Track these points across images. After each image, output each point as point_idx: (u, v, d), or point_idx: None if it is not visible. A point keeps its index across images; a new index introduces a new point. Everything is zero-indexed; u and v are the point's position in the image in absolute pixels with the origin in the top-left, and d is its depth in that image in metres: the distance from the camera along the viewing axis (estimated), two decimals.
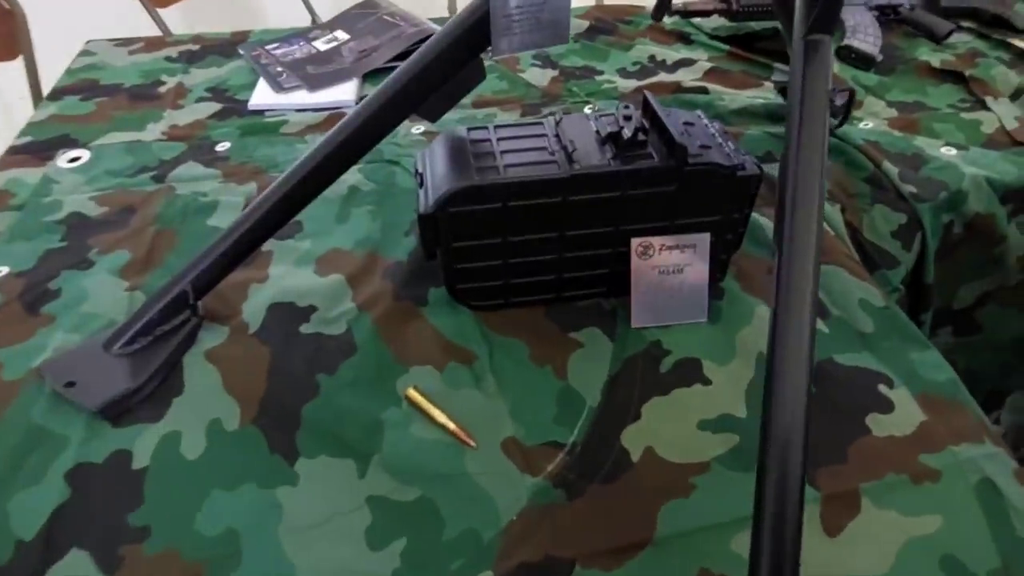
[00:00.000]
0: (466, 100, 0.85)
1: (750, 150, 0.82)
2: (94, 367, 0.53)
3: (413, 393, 0.54)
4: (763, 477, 0.40)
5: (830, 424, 0.52)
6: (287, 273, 0.64)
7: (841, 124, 0.80)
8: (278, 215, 0.55)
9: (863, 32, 1.03)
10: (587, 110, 0.92)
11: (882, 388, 0.55)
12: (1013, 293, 0.86)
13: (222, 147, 0.84)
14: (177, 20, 1.52)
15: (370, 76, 0.99)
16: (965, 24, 1.13)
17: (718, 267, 0.62)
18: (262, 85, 0.97)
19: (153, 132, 0.87)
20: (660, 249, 0.58)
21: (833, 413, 0.53)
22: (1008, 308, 0.87)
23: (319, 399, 0.53)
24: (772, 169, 0.79)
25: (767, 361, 0.43)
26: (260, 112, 0.92)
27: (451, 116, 0.56)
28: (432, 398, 0.53)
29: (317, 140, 0.55)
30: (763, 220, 0.72)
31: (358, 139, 0.55)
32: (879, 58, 1.03)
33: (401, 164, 0.80)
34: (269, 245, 0.64)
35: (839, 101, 0.79)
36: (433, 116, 0.56)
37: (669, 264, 0.58)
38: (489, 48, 0.48)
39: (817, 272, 0.44)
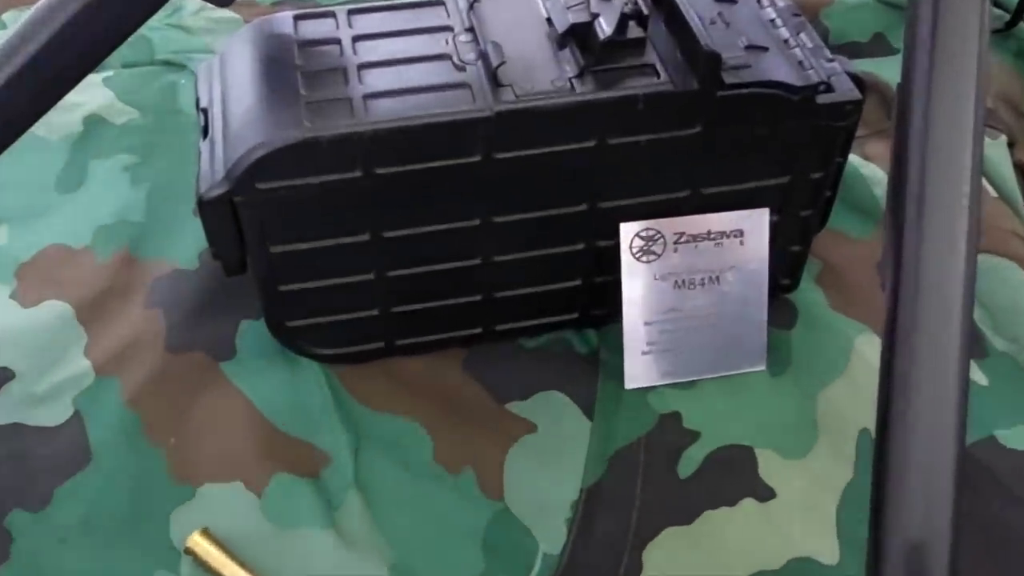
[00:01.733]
0: None
1: (843, 34, 0.79)
2: None
3: (200, 541, 0.51)
4: None
5: (990, 570, 0.51)
6: None
7: (1014, 23, 0.78)
8: None
9: None
10: None
11: None
12: None
13: None
14: None
15: None
16: None
17: (786, 267, 0.61)
18: None
19: None
20: (675, 242, 0.56)
21: (996, 547, 0.52)
22: None
23: (12, 563, 0.50)
24: (885, 68, 0.76)
25: (875, 450, 0.41)
26: None
27: None
28: (238, 552, 0.51)
29: (20, 21, 0.50)
30: (867, 170, 0.70)
31: (98, 20, 0.51)
32: None
33: (190, 69, 0.76)
34: None
35: None
36: None
37: (694, 269, 0.57)
38: None
39: (971, 283, 0.41)
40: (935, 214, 0.41)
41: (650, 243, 0.56)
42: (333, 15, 0.56)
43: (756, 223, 0.56)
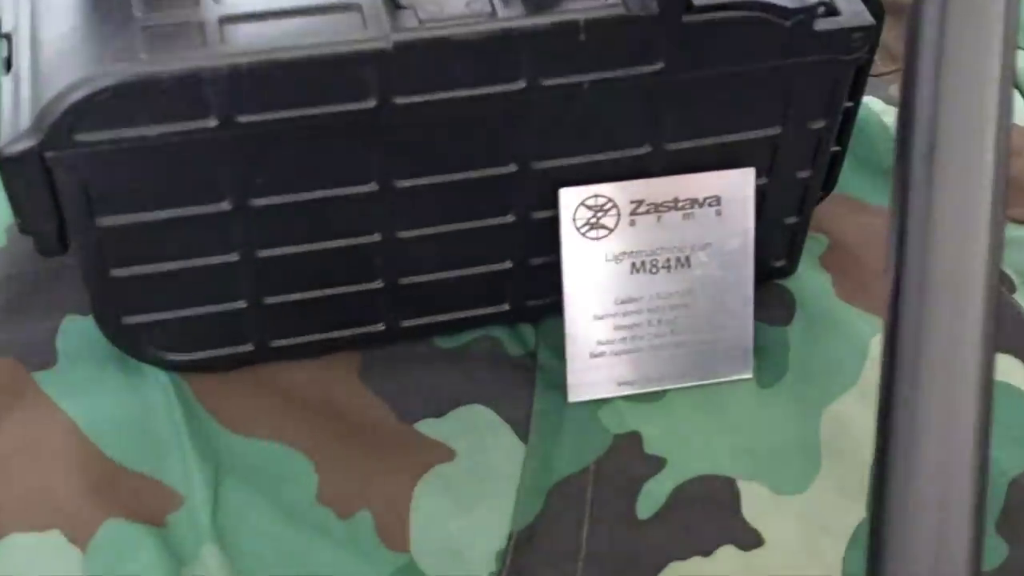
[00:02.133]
0: None
1: None
2: None
3: None
4: None
5: None
6: None
7: None
8: None
9: None
10: None
11: None
12: None
13: None
14: None
15: None
16: None
17: (780, 244, 0.61)
18: None
19: None
20: (632, 212, 0.56)
21: None
22: None
23: None
24: None
25: (872, 479, 0.38)
26: None
27: None
28: None
29: None
30: (891, 117, 0.68)
31: None
32: None
33: None
34: None
35: None
36: None
37: (657, 248, 0.57)
38: None
39: (996, 261, 0.38)
40: (949, 171, 0.38)
41: (599, 214, 0.55)
42: None
43: (738, 188, 0.56)
